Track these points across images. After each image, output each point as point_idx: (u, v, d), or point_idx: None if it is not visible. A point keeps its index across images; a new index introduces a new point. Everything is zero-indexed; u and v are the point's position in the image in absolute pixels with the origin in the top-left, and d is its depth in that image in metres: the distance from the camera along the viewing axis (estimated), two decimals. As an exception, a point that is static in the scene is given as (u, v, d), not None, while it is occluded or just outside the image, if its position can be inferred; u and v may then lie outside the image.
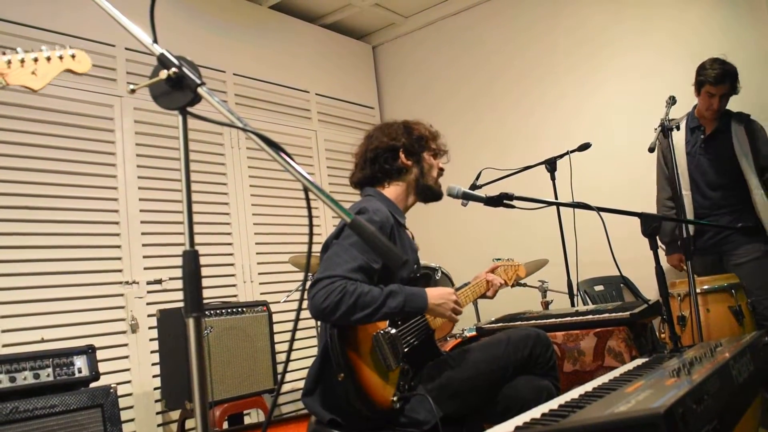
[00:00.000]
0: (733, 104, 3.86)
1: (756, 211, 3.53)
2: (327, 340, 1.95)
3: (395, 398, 1.96)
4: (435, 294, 2.08)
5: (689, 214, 3.62)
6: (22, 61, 1.32)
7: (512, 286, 2.72)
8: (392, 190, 2.37)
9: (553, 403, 1.31)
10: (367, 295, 1.91)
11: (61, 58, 1.33)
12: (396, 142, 2.35)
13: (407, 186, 2.38)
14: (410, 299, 2.00)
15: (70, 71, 1.35)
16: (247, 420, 3.84)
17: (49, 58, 1.32)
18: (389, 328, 2.07)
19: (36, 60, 1.32)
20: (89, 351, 2.88)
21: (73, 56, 1.34)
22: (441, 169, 2.46)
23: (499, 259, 2.70)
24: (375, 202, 2.23)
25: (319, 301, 1.87)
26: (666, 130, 3.21)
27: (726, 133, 3.64)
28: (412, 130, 2.40)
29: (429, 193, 2.40)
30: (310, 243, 1.22)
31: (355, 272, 1.96)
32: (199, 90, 1.17)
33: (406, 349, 2.08)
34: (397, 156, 2.35)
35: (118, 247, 3.74)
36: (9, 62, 1.35)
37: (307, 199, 1.16)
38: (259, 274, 4.50)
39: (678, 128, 3.68)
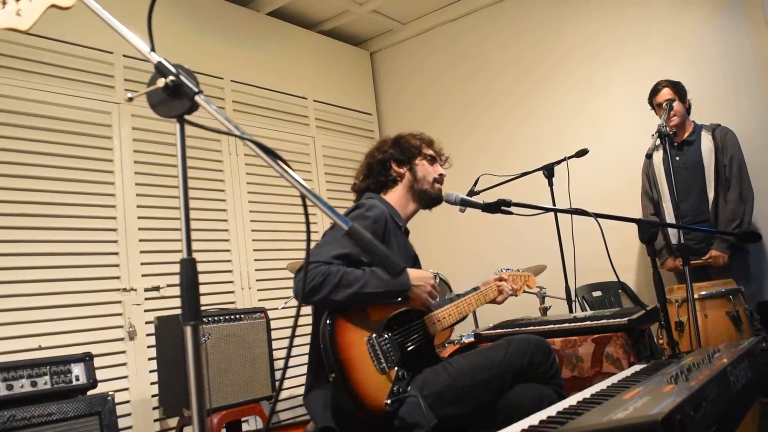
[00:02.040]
0: (731, 109, 3.89)
1: (711, 221, 3.69)
2: (319, 342, 1.96)
3: (388, 401, 1.96)
4: (415, 275, 2.15)
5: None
6: (4, 2, 1.26)
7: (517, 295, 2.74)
8: (391, 197, 2.45)
9: (552, 410, 1.31)
10: (350, 275, 1.99)
11: None
12: (384, 154, 2.46)
13: (404, 193, 2.45)
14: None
15: (56, 7, 1.27)
16: (245, 427, 3.83)
17: None
18: (384, 332, 2.08)
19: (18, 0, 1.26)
20: (87, 358, 2.88)
21: None
22: (441, 175, 2.50)
23: (508, 269, 2.74)
24: (373, 200, 2.32)
25: (300, 285, 1.91)
26: (663, 136, 3.23)
27: (696, 142, 3.78)
28: (401, 140, 2.50)
29: (426, 197, 2.46)
30: (308, 249, 1.22)
31: (339, 258, 2.03)
32: (197, 98, 1.18)
33: (401, 354, 2.08)
34: (388, 167, 2.46)
35: (116, 254, 3.73)
36: None
37: (305, 206, 1.16)
38: (257, 280, 4.50)
39: (675, 133, 3.73)
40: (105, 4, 1.27)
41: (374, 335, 2.05)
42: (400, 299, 2.18)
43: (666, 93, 3.76)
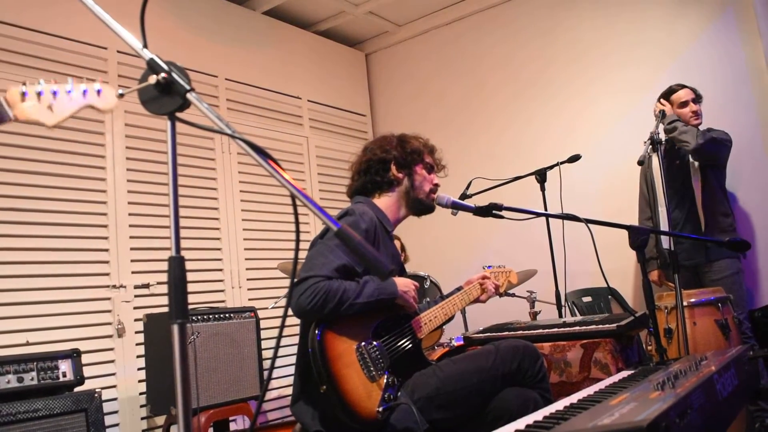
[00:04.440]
0: (724, 118, 3.90)
1: (700, 224, 3.68)
2: (308, 350, 1.95)
3: (380, 409, 1.95)
4: (400, 282, 2.18)
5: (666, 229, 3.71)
6: (39, 94, 1.21)
7: (502, 294, 2.72)
8: (383, 201, 2.41)
9: (538, 415, 1.31)
10: (348, 291, 2.01)
11: (84, 93, 1.22)
12: (387, 154, 2.41)
13: (398, 198, 2.42)
14: (382, 285, 2.10)
15: (93, 108, 1.24)
16: (232, 426, 3.82)
17: (70, 92, 1.21)
18: (372, 340, 2.07)
19: (55, 94, 1.21)
20: (74, 355, 2.86)
21: (98, 92, 1.23)
22: (435, 185, 2.48)
23: (490, 267, 2.72)
24: (362, 206, 2.28)
25: (304, 303, 1.94)
26: (655, 143, 3.24)
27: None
28: (406, 143, 2.45)
29: (420, 206, 2.45)
30: (297, 250, 1.22)
31: (338, 271, 2.04)
32: (188, 96, 1.17)
33: (390, 360, 2.08)
34: (388, 168, 2.40)
35: (106, 250, 3.71)
36: (23, 94, 1.22)
37: (294, 207, 1.16)
38: (248, 279, 4.48)
39: (666, 142, 3.74)
40: (98, 0, 1.26)
41: (363, 343, 2.05)
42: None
43: (690, 92, 3.77)
